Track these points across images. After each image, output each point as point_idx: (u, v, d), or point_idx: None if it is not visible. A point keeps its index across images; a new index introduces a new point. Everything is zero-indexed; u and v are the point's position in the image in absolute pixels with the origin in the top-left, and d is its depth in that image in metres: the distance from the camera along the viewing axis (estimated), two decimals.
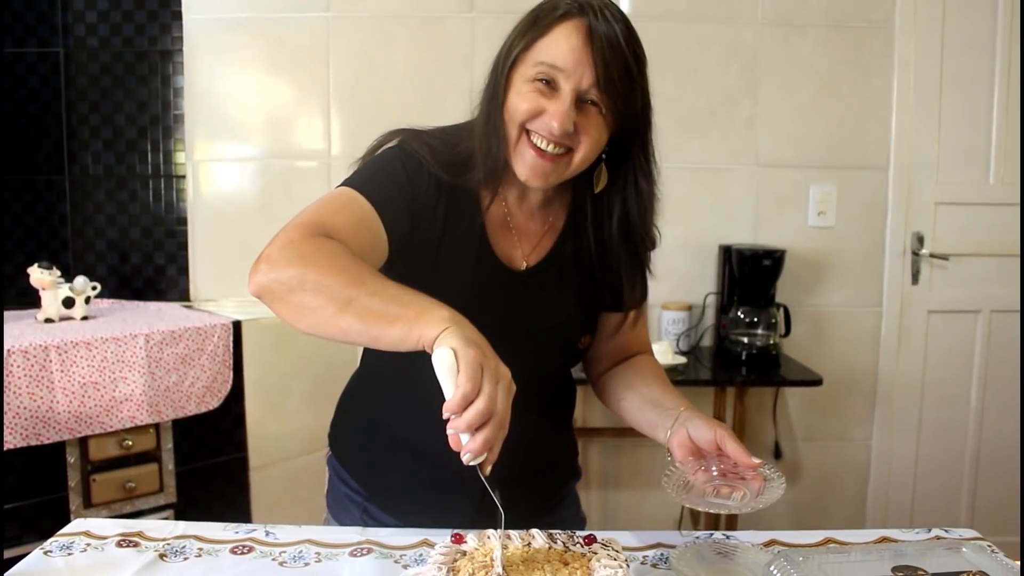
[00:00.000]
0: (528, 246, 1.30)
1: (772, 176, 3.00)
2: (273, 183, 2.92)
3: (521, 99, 1.14)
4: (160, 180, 2.89)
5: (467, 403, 0.89)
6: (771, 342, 2.84)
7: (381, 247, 1.13)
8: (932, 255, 3.04)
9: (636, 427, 1.30)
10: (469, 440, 0.91)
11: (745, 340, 2.85)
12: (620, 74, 1.12)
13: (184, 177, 2.90)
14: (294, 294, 0.99)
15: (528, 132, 1.16)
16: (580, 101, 1.13)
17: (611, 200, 1.27)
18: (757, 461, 1.12)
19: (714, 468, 1.15)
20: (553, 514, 1.43)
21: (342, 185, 1.16)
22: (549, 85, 1.13)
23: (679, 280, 3.00)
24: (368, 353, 1.43)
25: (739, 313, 2.86)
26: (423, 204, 1.20)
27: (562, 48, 1.11)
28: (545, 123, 1.13)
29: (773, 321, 2.84)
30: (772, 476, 1.11)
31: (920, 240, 3.03)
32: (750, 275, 2.85)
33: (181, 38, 2.84)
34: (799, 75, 2.96)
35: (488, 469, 0.93)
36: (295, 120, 2.94)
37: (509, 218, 1.29)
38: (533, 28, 1.14)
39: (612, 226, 1.27)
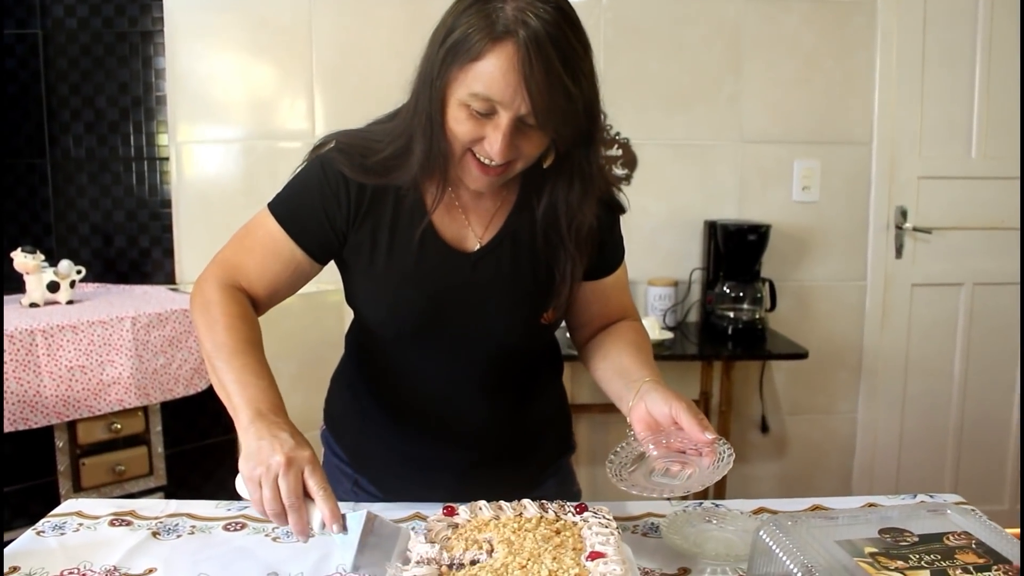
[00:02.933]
0: (480, 226, 1.26)
1: (756, 151, 3.01)
2: (257, 164, 2.91)
3: (459, 125, 1.10)
4: (143, 162, 2.87)
5: (261, 510, 1.01)
6: (757, 317, 2.86)
7: (300, 267, 1.25)
8: (915, 229, 3.06)
9: (609, 397, 1.27)
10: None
11: (731, 315, 2.86)
12: (557, 101, 1.06)
13: (167, 159, 2.88)
14: (198, 339, 1.22)
15: (471, 150, 1.14)
16: (519, 121, 1.08)
17: (544, 186, 1.23)
18: (711, 437, 1.07)
19: (658, 445, 1.11)
20: (542, 489, 1.43)
21: (268, 204, 1.25)
22: (485, 114, 1.08)
23: (665, 256, 3.02)
24: (348, 337, 1.45)
25: (725, 288, 2.88)
26: (347, 217, 1.23)
27: (496, 79, 1.04)
28: (485, 150, 1.11)
29: (758, 296, 2.86)
30: (724, 453, 1.06)
31: (903, 214, 3.05)
32: (735, 250, 2.86)
33: (162, 18, 2.81)
34: (782, 51, 2.97)
35: (336, 528, 1.00)
36: (278, 100, 2.93)
37: (456, 200, 1.26)
38: (463, 47, 1.06)
39: (538, 212, 1.24)
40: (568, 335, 1.44)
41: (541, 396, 1.44)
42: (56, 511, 1.26)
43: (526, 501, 1.11)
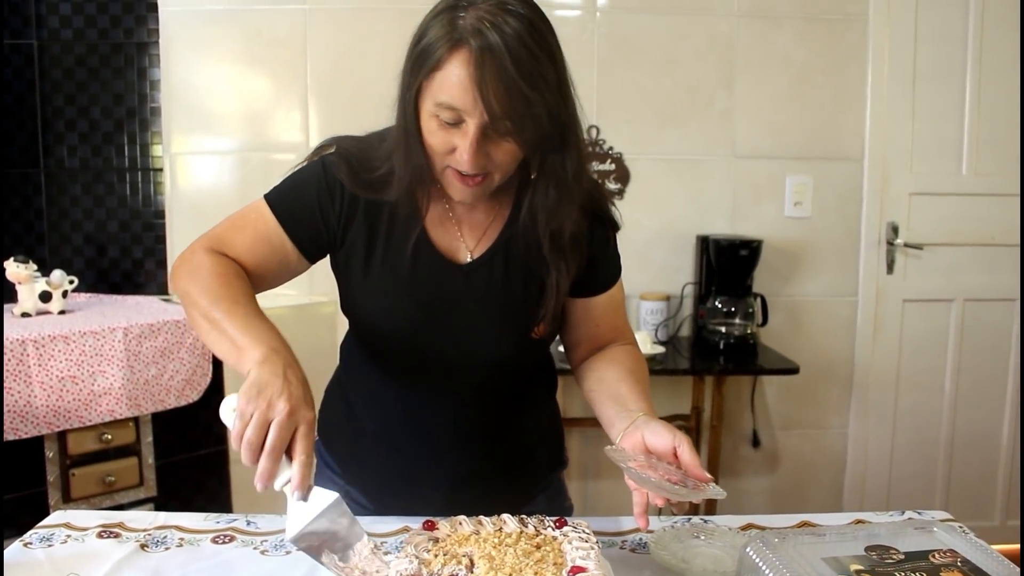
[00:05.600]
0: (472, 238, 1.27)
1: (749, 167, 3.03)
2: (251, 176, 2.91)
3: (431, 136, 1.11)
4: (137, 173, 2.87)
5: (239, 441, 0.96)
6: (748, 331, 2.87)
7: (288, 258, 1.25)
8: (907, 245, 3.07)
9: (599, 420, 1.26)
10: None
11: (723, 329, 2.87)
12: (516, 108, 1.05)
13: (161, 170, 2.89)
14: (187, 307, 1.17)
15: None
16: (488, 130, 1.08)
17: (524, 196, 1.23)
18: (709, 476, 1.06)
19: (653, 469, 1.09)
20: (533, 503, 1.43)
21: (265, 194, 1.26)
22: (454, 123, 1.09)
23: (657, 270, 3.03)
24: (343, 347, 1.45)
25: (716, 303, 2.89)
26: (340, 218, 1.24)
27: (455, 87, 1.05)
28: (457, 160, 1.11)
29: (750, 311, 2.87)
30: (717, 493, 1.05)
31: (895, 230, 3.06)
32: (727, 265, 2.87)
33: (157, 30, 2.82)
34: (775, 67, 2.99)
35: (296, 494, 0.97)
36: (273, 113, 2.94)
37: (451, 212, 1.26)
38: (428, 56, 1.07)
39: (520, 220, 1.23)
40: (562, 349, 1.44)
41: (534, 411, 1.44)
42: (44, 523, 1.25)
43: (506, 516, 1.11)
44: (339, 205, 1.23)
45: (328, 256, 1.29)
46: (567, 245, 1.23)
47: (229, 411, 1.00)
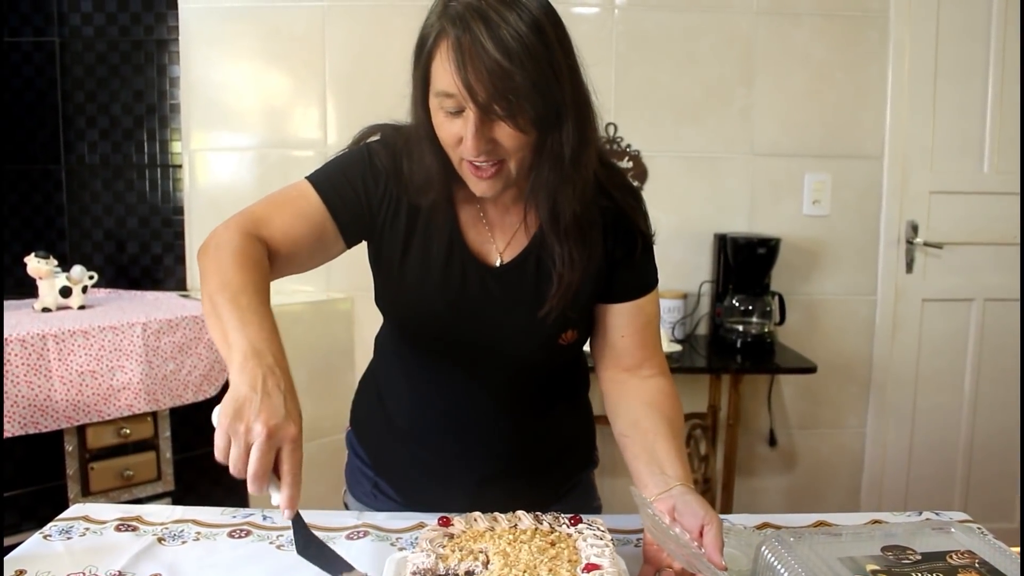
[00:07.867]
0: (502, 241, 1.26)
1: (767, 164, 3.01)
2: (269, 172, 2.93)
3: (440, 129, 1.11)
4: (156, 169, 2.89)
5: (224, 459, 0.93)
6: (766, 330, 2.85)
7: (326, 239, 1.21)
8: (926, 244, 3.05)
9: (628, 469, 1.22)
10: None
11: (740, 328, 2.86)
12: (496, 85, 1.03)
13: (180, 166, 2.91)
14: (201, 283, 1.11)
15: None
16: (491, 113, 1.06)
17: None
18: (724, 565, 1.01)
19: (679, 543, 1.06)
20: (562, 502, 1.42)
21: (307, 177, 1.23)
22: (456, 112, 1.08)
23: (674, 268, 3.02)
24: (377, 340, 1.45)
25: (734, 301, 2.88)
26: (380, 207, 1.23)
27: (447, 73, 1.04)
28: (464, 149, 1.09)
29: (768, 309, 2.86)
30: None
31: (915, 229, 3.04)
32: (745, 263, 2.86)
33: (177, 27, 2.84)
34: (794, 64, 2.97)
35: (285, 514, 0.96)
36: (291, 109, 2.95)
37: (482, 213, 1.26)
38: (422, 47, 1.09)
39: (525, 195, 1.21)
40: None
41: (562, 413, 1.42)
42: (63, 515, 1.27)
43: (520, 512, 1.11)
44: (383, 190, 1.22)
45: (365, 244, 1.28)
46: (570, 229, 1.19)
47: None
